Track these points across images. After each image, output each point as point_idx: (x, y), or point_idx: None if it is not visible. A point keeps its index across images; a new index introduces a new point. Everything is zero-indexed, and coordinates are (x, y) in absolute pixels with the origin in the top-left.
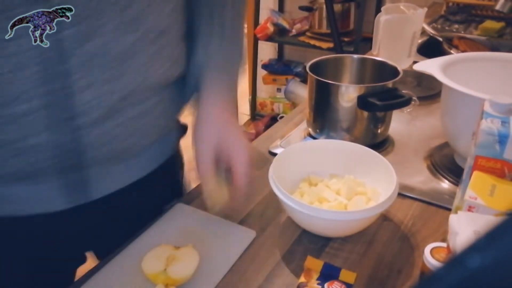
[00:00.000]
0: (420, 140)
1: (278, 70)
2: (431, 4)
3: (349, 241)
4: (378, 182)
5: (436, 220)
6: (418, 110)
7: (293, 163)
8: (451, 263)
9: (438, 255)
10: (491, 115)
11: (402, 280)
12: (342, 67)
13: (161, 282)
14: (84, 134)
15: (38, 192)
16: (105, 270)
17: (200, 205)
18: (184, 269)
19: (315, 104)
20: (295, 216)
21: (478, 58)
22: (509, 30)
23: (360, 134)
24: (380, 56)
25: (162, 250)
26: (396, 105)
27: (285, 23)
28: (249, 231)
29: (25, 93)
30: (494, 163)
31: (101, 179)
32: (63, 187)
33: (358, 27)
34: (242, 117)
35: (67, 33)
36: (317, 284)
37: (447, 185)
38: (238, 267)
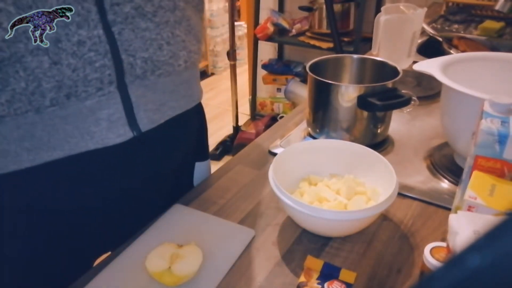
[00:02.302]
0: (420, 140)
1: (278, 70)
2: (431, 4)
3: (349, 241)
4: (378, 182)
5: (436, 220)
6: (418, 110)
7: (293, 163)
8: (451, 263)
9: (437, 255)
10: (491, 115)
11: (402, 280)
12: (342, 67)
13: (165, 280)
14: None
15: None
16: (109, 269)
17: (199, 205)
18: (188, 267)
19: (315, 104)
20: (295, 216)
21: (478, 58)
22: (509, 30)
23: (360, 134)
24: (380, 56)
25: (165, 249)
26: (396, 105)
27: (285, 23)
28: (249, 231)
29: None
30: (494, 163)
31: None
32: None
33: (358, 27)
34: (242, 117)
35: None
36: (317, 284)
37: (447, 185)
38: (238, 266)
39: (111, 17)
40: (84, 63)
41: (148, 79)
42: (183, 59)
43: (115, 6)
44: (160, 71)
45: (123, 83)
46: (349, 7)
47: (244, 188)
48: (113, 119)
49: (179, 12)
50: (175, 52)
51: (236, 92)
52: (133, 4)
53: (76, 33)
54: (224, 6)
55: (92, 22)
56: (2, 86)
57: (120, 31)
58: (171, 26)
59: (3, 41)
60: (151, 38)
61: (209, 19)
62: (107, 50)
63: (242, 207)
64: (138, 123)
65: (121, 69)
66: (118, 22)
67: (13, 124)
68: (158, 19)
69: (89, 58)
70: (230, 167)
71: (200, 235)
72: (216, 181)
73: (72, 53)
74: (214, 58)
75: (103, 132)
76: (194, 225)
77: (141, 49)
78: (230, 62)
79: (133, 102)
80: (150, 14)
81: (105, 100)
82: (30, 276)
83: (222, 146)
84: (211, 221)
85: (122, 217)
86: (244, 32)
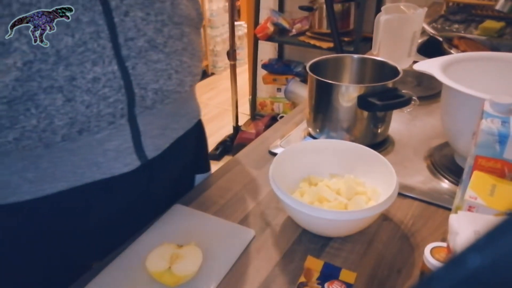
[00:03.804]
0: (420, 140)
1: (278, 70)
2: (431, 4)
3: (349, 241)
4: (378, 182)
5: (436, 220)
6: (418, 110)
7: (293, 163)
8: (451, 263)
9: (438, 255)
10: (491, 115)
11: (402, 280)
12: (342, 67)
13: (165, 280)
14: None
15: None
16: (109, 270)
17: (199, 205)
18: (188, 267)
19: (315, 104)
20: (295, 216)
21: (478, 58)
22: (509, 30)
23: (360, 134)
24: (380, 56)
25: (165, 249)
26: (396, 105)
27: (285, 23)
28: (249, 231)
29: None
30: (494, 163)
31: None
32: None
33: (358, 27)
34: (242, 117)
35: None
36: (317, 284)
37: (447, 185)
38: (238, 266)
39: (125, 52)
40: (98, 99)
41: (157, 108)
42: (189, 84)
43: (129, 41)
44: (168, 100)
45: (133, 114)
46: (349, 7)
47: (244, 188)
48: (121, 149)
49: (186, 39)
50: (182, 79)
51: (236, 92)
52: (146, 37)
53: (91, 70)
54: (224, 6)
55: (107, 58)
56: (10, 124)
57: (133, 65)
58: (179, 54)
59: (17, 80)
60: (162, 69)
61: (209, 19)
62: (121, 85)
63: (242, 207)
64: (145, 150)
65: (132, 102)
66: (132, 57)
67: (17, 156)
68: (168, 49)
69: (103, 94)
70: (230, 167)
71: (200, 235)
72: (216, 181)
73: (87, 90)
74: (214, 58)
75: (110, 162)
76: (194, 225)
77: (152, 81)
78: (230, 62)
79: (141, 131)
80: (161, 45)
81: (115, 132)
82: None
83: (222, 146)
84: (211, 221)
85: (119, 229)
86: (244, 32)
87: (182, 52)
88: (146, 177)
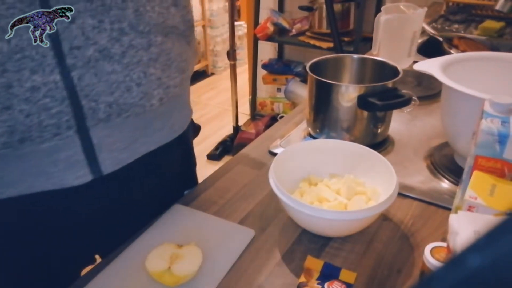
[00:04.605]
0: (420, 140)
1: (278, 70)
2: (431, 4)
3: (349, 241)
4: (378, 182)
5: (436, 220)
6: (418, 110)
7: (293, 163)
8: (451, 263)
9: (438, 255)
10: (491, 115)
11: (402, 280)
12: (342, 67)
13: (165, 280)
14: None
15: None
16: (108, 270)
17: (199, 205)
18: (188, 267)
19: (315, 104)
20: (295, 216)
21: (478, 58)
22: (509, 30)
23: (360, 134)
24: (380, 56)
25: (165, 249)
26: (396, 105)
27: (285, 23)
28: (249, 231)
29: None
30: (494, 163)
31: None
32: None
33: (358, 27)
34: (242, 117)
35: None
36: (317, 284)
37: (447, 185)
38: (238, 266)
39: (70, 61)
40: (39, 109)
41: (114, 121)
42: (157, 98)
43: (75, 49)
44: (127, 113)
45: (84, 127)
46: (349, 7)
47: (244, 188)
48: (72, 161)
49: (155, 49)
50: (147, 92)
51: (236, 92)
52: (97, 46)
53: (29, 79)
54: (224, 6)
55: (48, 67)
56: None
57: (80, 76)
58: (143, 66)
59: (3, 41)
60: (118, 81)
61: (209, 19)
62: (65, 96)
63: (242, 207)
64: (100, 165)
65: (81, 115)
66: (78, 67)
67: None
68: (128, 59)
69: (44, 104)
70: (230, 167)
71: (200, 235)
72: (216, 181)
73: (25, 99)
74: (214, 58)
75: (60, 173)
76: (194, 225)
77: (105, 93)
78: (230, 62)
79: (94, 144)
80: (117, 55)
81: (63, 143)
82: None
83: (222, 146)
84: (211, 221)
85: (111, 230)
86: (244, 32)
87: (149, 63)
88: (103, 191)
